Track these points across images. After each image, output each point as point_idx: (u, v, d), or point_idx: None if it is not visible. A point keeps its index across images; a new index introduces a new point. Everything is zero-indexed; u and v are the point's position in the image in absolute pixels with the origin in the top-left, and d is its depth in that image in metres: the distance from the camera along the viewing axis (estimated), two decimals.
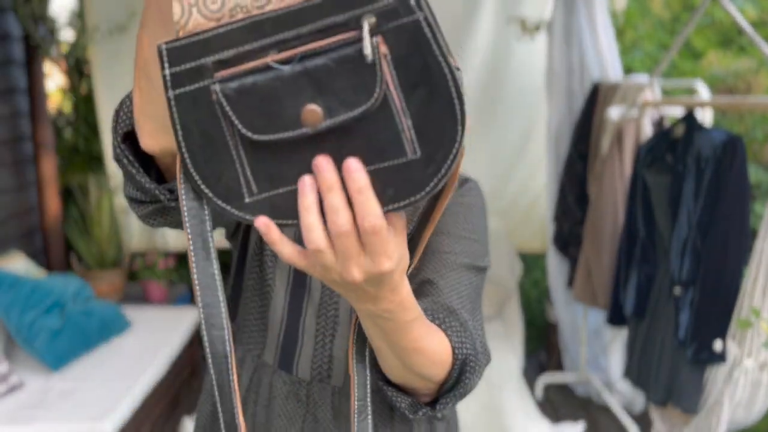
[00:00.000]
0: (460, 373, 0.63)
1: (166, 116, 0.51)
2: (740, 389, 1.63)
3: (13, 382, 2.14)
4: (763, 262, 1.55)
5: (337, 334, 0.75)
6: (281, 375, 0.77)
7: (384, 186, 0.42)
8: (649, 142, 2.10)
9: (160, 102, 0.51)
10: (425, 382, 0.62)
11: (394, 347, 0.56)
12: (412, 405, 0.64)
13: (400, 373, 0.60)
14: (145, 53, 0.48)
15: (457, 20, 3.07)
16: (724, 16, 3.43)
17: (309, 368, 0.76)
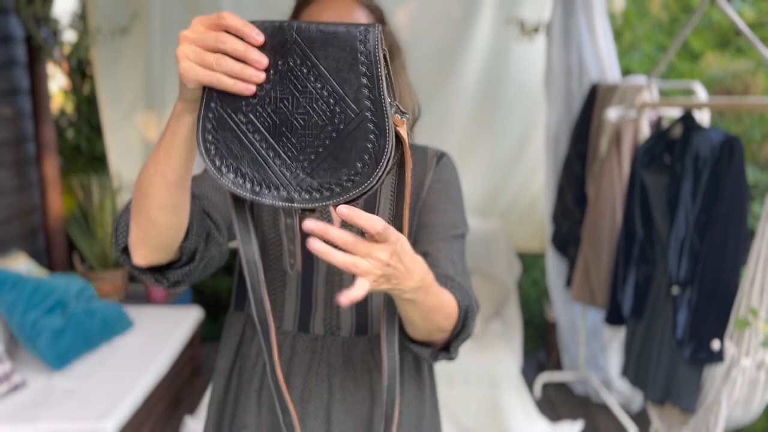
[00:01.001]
0: (464, 320, 0.81)
1: (157, 242, 0.71)
2: (738, 388, 1.64)
3: (15, 381, 2.15)
4: (760, 262, 1.57)
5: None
6: (300, 336, 0.92)
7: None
8: (647, 142, 2.11)
9: (153, 236, 0.70)
10: (441, 334, 0.80)
11: (423, 311, 0.72)
12: (432, 353, 0.83)
13: (424, 332, 0.78)
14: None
15: (456, 22, 3.08)
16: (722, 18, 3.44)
17: (322, 325, 0.92)
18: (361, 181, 0.56)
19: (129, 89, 3.18)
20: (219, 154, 0.58)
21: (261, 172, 0.57)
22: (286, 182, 0.57)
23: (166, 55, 3.13)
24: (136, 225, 0.71)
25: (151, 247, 0.72)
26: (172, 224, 0.70)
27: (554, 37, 2.70)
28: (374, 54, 0.57)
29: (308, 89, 0.57)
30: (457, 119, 3.22)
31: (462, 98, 3.18)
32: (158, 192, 0.67)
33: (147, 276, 0.78)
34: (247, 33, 0.57)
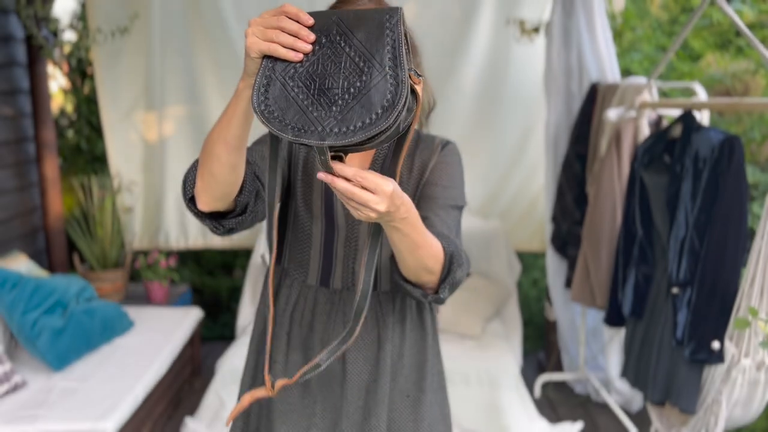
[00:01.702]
0: (449, 265, 0.94)
1: (217, 193, 0.91)
2: (738, 388, 1.64)
3: (15, 381, 2.15)
4: (760, 262, 1.57)
5: (358, 256, 1.10)
6: (322, 290, 1.12)
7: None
8: (647, 142, 2.11)
9: (215, 188, 0.90)
10: (429, 276, 0.93)
11: (410, 244, 0.87)
12: (422, 294, 0.97)
13: (413, 269, 0.92)
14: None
15: (457, 22, 3.09)
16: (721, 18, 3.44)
17: (340, 282, 1.11)
18: (380, 121, 0.68)
19: (129, 89, 3.18)
20: (268, 109, 0.72)
21: (301, 120, 0.70)
22: (321, 127, 0.69)
23: (166, 55, 3.13)
24: (200, 178, 0.90)
25: (213, 196, 0.91)
26: (230, 179, 0.89)
27: (554, 38, 2.71)
28: (397, 28, 0.72)
29: (343, 56, 0.72)
30: (457, 119, 3.22)
31: (462, 98, 3.18)
32: (220, 152, 0.86)
33: (207, 222, 0.96)
34: (301, 16, 0.74)
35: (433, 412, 1.14)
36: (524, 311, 3.89)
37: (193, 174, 0.96)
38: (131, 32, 3.02)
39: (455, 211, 1.06)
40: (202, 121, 3.23)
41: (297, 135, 0.69)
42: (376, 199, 0.74)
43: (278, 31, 0.73)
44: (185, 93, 3.20)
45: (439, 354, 1.18)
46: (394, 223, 0.82)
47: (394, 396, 1.10)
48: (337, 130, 0.69)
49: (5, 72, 2.91)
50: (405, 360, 1.11)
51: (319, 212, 1.10)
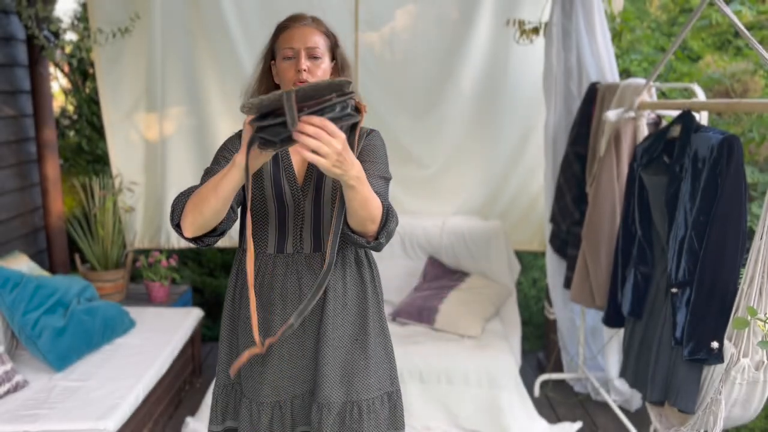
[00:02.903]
0: (386, 216, 1.21)
1: (204, 226, 1.19)
2: (737, 388, 1.64)
3: (16, 381, 2.15)
4: (759, 262, 1.57)
5: (304, 225, 1.36)
6: (278, 256, 1.37)
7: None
8: (646, 142, 2.11)
9: (202, 223, 1.18)
10: (372, 225, 1.19)
11: (362, 199, 1.13)
12: (366, 240, 1.23)
13: (360, 220, 1.17)
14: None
15: (456, 23, 3.09)
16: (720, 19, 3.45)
17: (292, 247, 1.37)
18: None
19: (130, 89, 3.19)
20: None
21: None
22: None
23: (167, 56, 3.13)
24: (190, 214, 1.17)
25: (200, 228, 1.19)
26: (217, 217, 1.18)
27: (553, 38, 2.71)
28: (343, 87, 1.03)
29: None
30: (457, 120, 3.22)
31: (461, 99, 3.19)
32: (213, 202, 1.14)
33: (191, 242, 1.23)
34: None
35: (377, 352, 1.39)
36: (524, 311, 3.89)
37: (181, 205, 1.22)
38: (132, 33, 3.03)
39: (382, 180, 1.32)
40: (202, 121, 3.24)
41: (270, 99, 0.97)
42: (335, 141, 0.99)
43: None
44: (186, 93, 3.21)
45: (380, 303, 1.43)
46: (351, 181, 1.08)
47: (344, 340, 1.36)
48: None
49: (6, 72, 2.91)
50: (348, 308, 1.37)
51: (270, 195, 1.36)
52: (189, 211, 1.16)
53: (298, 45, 1.32)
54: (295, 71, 1.31)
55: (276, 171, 1.37)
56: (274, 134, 0.99)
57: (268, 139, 1.00)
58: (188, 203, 1.18)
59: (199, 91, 3.19)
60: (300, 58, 1.31)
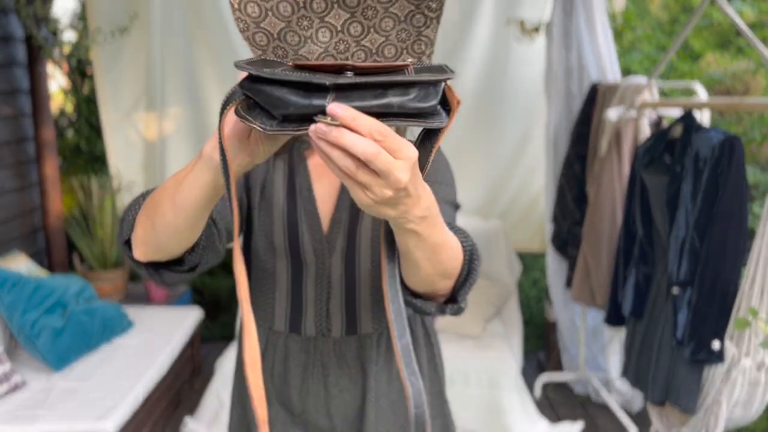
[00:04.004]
0: (470, 262, 0.77)
1: (159, 250, 0.72)
2: (738, 389, 1.64)
3: (15, 381, 2.15)
4: (760, 263, 1.57)
5: (332, 295, 0.95)
6: (293, 337, 0.97)
7: (379, 73, 0.53)
8: (647, 142, 2.11)
9: (155, 243, 0.71)
10: (445, 282, 0.74)
11: (430, 245, 0.66)
12: (438, 307, 0.78)
13: (428, 279, 0.72)
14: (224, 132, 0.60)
15: (456, 22, 3.08)
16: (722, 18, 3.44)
17: (313, 327, 0.96)
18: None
19: (129, 89, 3.18)
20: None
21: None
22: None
23: (166, 55, 3.13)
24: (141, 226, 0.73)
25: (152, 250, 0.74)
26: (174, 243, 0.72)
27: (554, 38, 2.70)
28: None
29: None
30: (458, 119, 3.22)
31: (462, 98, 3.18)
32: (170, 214, 0.68)
33: (143, 271, 0.78)
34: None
35: None
36: (524, 311, 3.88)
37: (133, 215, 0.77)
38: (131, 32, 3.02)
39: (452, 208, 0.95)
40: (201, 121, 3.23)
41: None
42: (400, 165, 0.51)
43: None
44: (185, 93, 3.20)
45: (445, 403, 1.01)
46: (412, 225, 0.60)
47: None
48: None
49: (5, 72, 2.90)
50: (399, 413, 0.96)
51: (282, 247, 0.93)
52: (140, 221, 0.73)
53: None
54: None
55: (291, 206, 0.94)
56: (275, 104, 0.51)
57: (260, 105, 0.53)
58: (142, 208, 0.74)
59: (198, 90, 3.18)
60: None
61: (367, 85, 0.50)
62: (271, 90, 0.51)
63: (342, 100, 0.49)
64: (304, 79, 0.49)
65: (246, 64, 0.54)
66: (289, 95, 0.50)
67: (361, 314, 0.95)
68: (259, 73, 0.51)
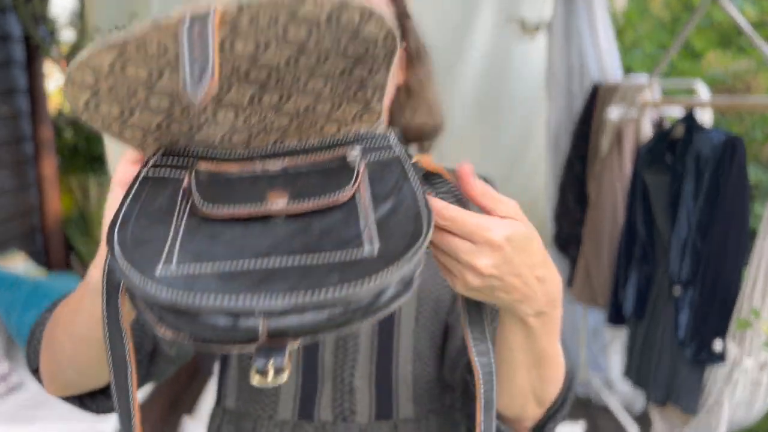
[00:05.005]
0: (569, 388, 0.63)
1: (65, 382, 0.58)
2: (740, 389, 1.63)
3: (13, 382, 2.14)
4: (762, 263, 1.56)
5: (358, 364, 0.69)
6: (302, 425, 0.70)
7: (330, 271, 0.37)
8: (649, 142, 2.10)
9: (62, 378, 0.57)
10: (536, 410, 0.60)
11: (541, 353, 0.54)
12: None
13: (520, 396, 0.58)
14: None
15: (456, 21, 3.07)
16: (723, 17, 3.43)
17: (330, 408, 0.70)
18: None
19: None
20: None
21: None
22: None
23: None
24: (45, 360, 0.59)
25: (61, 386, 0.60)
26: (86, 376, 0.57)
27: (555, 36, 2.70)
28: None
29: None
30: (458, 119, 3.20)
31: (462, 98, 3.17)
32: (68, 347, 0.55)
33: (70, 401, 0.63)
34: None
35: None
36: None
37: (38, 336, 0.63)
38: None
39: None
40: None
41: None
42: (477, 250, 0.43)
43: None
44: None
45: None
46: (525, 316, 0.49)
47: None
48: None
49: (3, 71, 2.89)
50: None
51: None
52: (42, 351, 0.60)
53: None
54: None
55: None
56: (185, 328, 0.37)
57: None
58: (43, 336, 0.61)
59: None
60: None
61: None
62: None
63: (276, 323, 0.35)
64: (226, 309, 0.34)
65: (121, 257, 0.37)
66: (206, 317, 0.35)
67: (398, 391, 0.70)
68: (153, 298, 0.35)
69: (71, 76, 0.41)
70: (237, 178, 0.44)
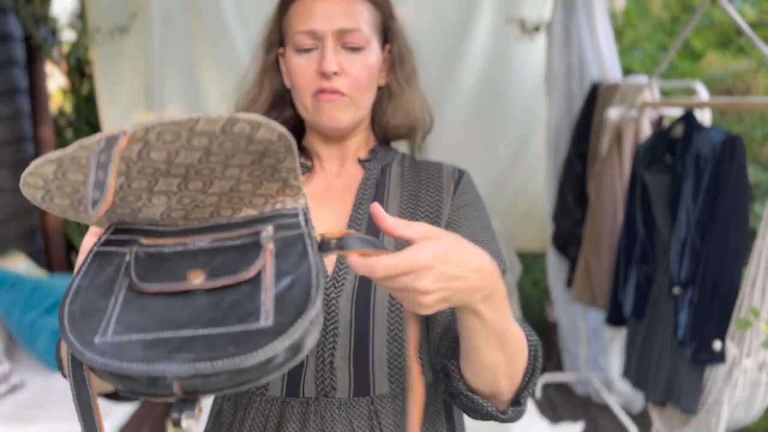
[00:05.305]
0: (534, 361, 0.69)
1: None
2: (739, 389, 1.64)
3: (14, 381, 2.14)
4: (762, 263, 1.56)
5: (338, 345, 0.76)
6: (289, 402, 0.77)
7: (227, 342, 0.44)
8: (648, 141, 2.10)
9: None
10: (509, 383, 0.67)
11: (498, 332, 0.61)
12: (495, 410, 0.69)
13: (490, 374, 0.66)
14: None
15: (456, 21, 3.08)
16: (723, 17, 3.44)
17: (314, 385, 0.76)
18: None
19: (128, 89, 3.17)
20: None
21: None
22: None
23: (166, 55, 3.12)
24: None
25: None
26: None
27: (555, 37, 2.70)
28: None
29: None
30: (458, 119, 3.21)
31: (462, 98, 3.17)
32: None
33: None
34: None
35: None
36: (525, 311, 3.88)
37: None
38: (130, 32, 3.01)
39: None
40: None
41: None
42: (412, 278, 0.51)
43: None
44: (184, 93, 3.19)
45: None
46: (478, 305, 0.57)
47: None
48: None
49: (3, 71, 2.90)
50: None
51: None
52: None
53: (323, 26, 0.77)
54: (316, 75, 0.78)
55: None
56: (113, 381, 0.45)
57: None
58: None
59: (197, 90, 3.18)
60: (326, 50, 0.77)
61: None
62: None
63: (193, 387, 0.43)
64: (145, 374, 0.41)
65: (68, 329, 0.45)
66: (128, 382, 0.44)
67: (375, 370, 0.76)
68: (90, 362, 0.43)
69: (26, 179, 0.50)
70: (169, 253, 0.52)
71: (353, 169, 0.87)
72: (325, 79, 0.77)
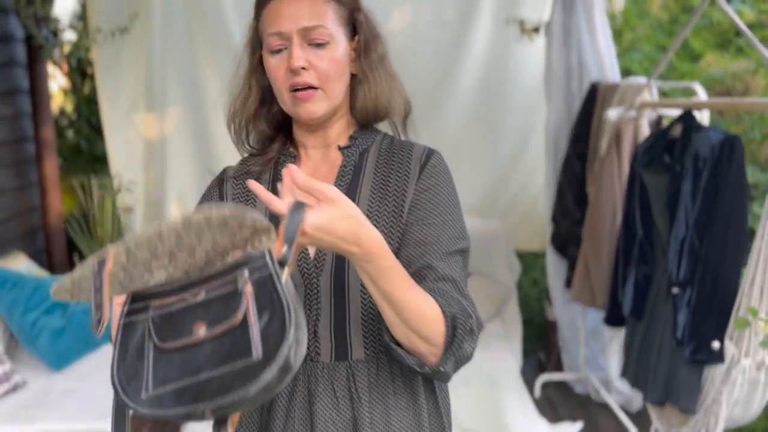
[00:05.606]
0: (453, 330, 0.78)
1: None
2: (738, 388, 1.64)
3: (15, 381, 2.15)
4: (760, 262, 1.56)
5: (320, 316, 0.88)
6: None
7: (235, 377, 0.58)
8: (647, 141, 2.11)
9: None
10: (427, 345, 0.78)
11: (386, 296, 0.75)
12: (418, 363, 0.80)
13: (402, 333, 0.78)
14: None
15: (456, 22, 3.08)
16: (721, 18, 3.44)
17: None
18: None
19: (129, 89, 3.18)
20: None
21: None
22: None
23: (167, 55, 3.13)
24: None
25: None
26: None
27: (554, 37, 2.71)
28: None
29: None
30: (457, 119, 3.21)
31: (462, 98, 3.18)
32: None
33: None
34: None
35: None
36: (524, 311, 3.88)
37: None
38: (131, 32, 3.02)
39: (457, 257, 0.85)
40: (202, 121, 3.23)
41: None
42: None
43: None
44: (185, 92, 3.20)
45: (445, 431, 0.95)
46: (361, 263, 0.73)
47: None
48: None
49: (5, 72, 2.90)
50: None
51: None
52: None
53: (288, 26, 0.85)
54: (287, 72, 0.86)
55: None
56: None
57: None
58: None
59: (198, 90, 3.18)
60: (293, 48, 0.85)
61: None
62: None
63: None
64: (182, 415, 0.60)
65: (121, 392, 0.63)
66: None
67: (352, 338, 0.87)
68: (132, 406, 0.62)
69: (55, 294, 0.70)
70: (177, 311, 0.65)
71: (335, 156, 0.94)
72: (296, 75, 0.85)
